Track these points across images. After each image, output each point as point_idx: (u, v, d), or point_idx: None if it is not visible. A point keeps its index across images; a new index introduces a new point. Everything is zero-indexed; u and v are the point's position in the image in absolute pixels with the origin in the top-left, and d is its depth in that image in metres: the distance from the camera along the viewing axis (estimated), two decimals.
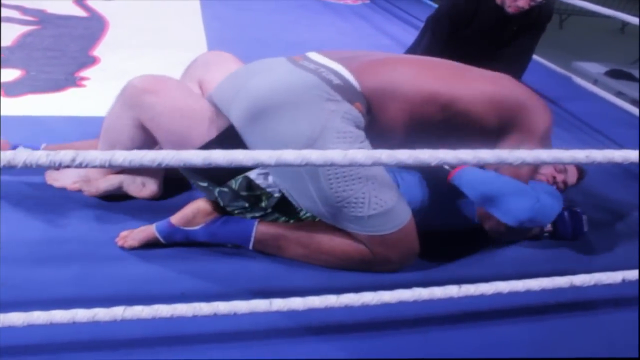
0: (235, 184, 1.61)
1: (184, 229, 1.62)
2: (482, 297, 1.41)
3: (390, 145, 1.33)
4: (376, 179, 1.55)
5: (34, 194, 1.81)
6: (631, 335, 1.57)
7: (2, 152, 0.89)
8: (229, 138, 1.57)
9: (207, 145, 1.54)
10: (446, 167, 1.71)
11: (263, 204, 1.64)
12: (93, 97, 2.64)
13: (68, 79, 2.78)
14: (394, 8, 5.36)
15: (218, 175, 1.60)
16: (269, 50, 2.08)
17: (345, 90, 1.55)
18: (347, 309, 1.33)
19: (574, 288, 1.51)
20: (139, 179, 1.82)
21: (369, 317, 1.46)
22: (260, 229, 1.62)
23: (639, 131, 2.73)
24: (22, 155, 0.92)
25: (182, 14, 4.29)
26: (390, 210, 1.57)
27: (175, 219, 1.62)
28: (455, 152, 1.12)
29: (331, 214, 1.58)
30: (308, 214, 1.66)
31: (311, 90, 1.53)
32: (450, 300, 1.39)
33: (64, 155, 0.92)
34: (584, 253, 1.92)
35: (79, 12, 3.99)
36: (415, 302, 1.36)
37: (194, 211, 1.63)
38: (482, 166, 1.67)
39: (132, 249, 1.61)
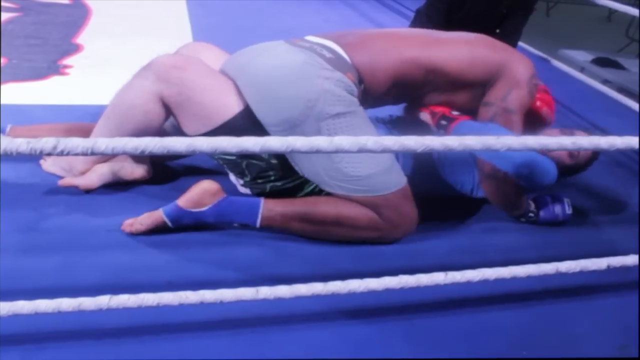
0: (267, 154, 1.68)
1: (192, 210, 1.63)
2: (468, 284, 1.42)
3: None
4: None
5: (18, 183, 1.79)
6: (616, 321, 1.59)
7: None
8: (252, 112, 1.65)
9: (236, 117, 1.65)
10: (443, 122, 1.84)
11: (293, 175, 1.72)
12: (76, 85, 2.61)
13: (51, 67, 2.74)
14: None
15: None
16: (255, 38, 2.05)
17: (337, 62, 1.69)
18: (334, 296, 1.32)
19: (559, 274, 1.52)
20: (127, 165, 1.82)
21: (355, 304, 1.46)
22: (267, 206, 1.65)
23: (639, 120, 2.74)
24: (2, 143, 0.90)
25: (166, 1, 4.25)
26: (389, 170, 1.67)
27: (182, 201, 1.63)
28: (441, 139, 1.12)
29: (332, 178, 1.65)
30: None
31: (307, 62, 1.66)
32: (436, 287, 1.40)
33: (45, 142, 0.91)
34: (570, 240, 1.94)
35: None
36: (401, 289, 1.36)
37: (200, 192, 1.63)
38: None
39: (140, 234, 1.61)
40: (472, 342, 1.45)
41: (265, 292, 1.27)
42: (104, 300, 1.18)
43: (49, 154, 0.91)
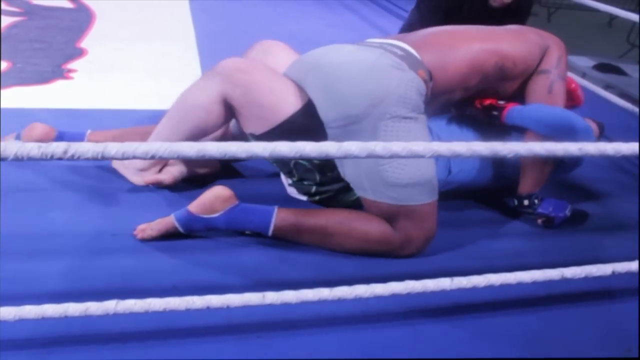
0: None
1: (204, 216, 1.63)
2: (474, 289, 1.42)
3: (445, 104, 1.93)
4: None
5: (25, 187, 1.79)
6: (621, 327, 1.59)
7: None
8: (309, 111, 1.69)
9: (293, 116, 1.68)
10: (494, 112, 1.94)
11: (329, 174, 1.77)
12: (81, 89, 2.62)
13: (55, 71, 2.75)
14: (383, 1, 5.35)
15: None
16: None
17: (408, 60, 1.73)
18: (340, 301, 1.32)
19: (565, 280, 1.51)
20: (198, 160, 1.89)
21: (361, 309, 1.46)
22: (280, 215, 1.66)
23: (639, 125, 2.75)
24: (13, 147, 0.90)
25: (170, 6, 4.26)
26: (427, 182, 1.68)
27: (194, 207, 1.63)
28: (448, 145, 1.12)
29: (371, 180, 1.66)
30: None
31: (380, 59, 1.70)
32: (442, 292, 1.40)
33: (56, 147, 0.91)
34: (575, 245, 1.94)
35: (66, 4, 3.94)
36: (408, 295, 1.36)
37: (212, 198, 1.64)
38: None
39: (152, 239, 1.62)
40: (478, 348, 1.45)
41: (272, 297, 1.27)
42: (110, 305, 1.18)
43: (60, 159, 0.91)
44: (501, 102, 1.95)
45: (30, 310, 1.15)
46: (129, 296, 1.21)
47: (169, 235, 1.63)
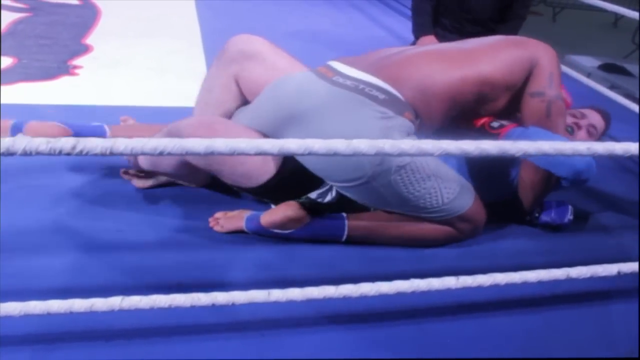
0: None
1: (276, 231, 1.66)
2: (479, 288, 1.41)
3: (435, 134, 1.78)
4: (439, 171, 1.66)
5: (31, 183, 1.79)
6: (627, 328, 1.59)
7: (1, 140, 0.88)
8: (290, 169, 1.66)
9: (271, 180, 1.65)
10: (494, 124, 1.85)
11: None
12: (86, 85, 2.62)
13: (61, 67, 2.75)
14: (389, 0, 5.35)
15: (282, 196, 1.70)
16: None
17: (392, 104, 1.62)
18: (346, 299, 1.32)
19: (570, 280, 1.51)
20: None
21: (367, 308, 1.45)
22: (351, 226, 1.69)
23: (639, 124, 2.74)
24: (21, 143, 0.90)
25: (176, 3, 4.26)
26: (460, 193, 1.69)
27: (267, 222, 1.64)
28: (458, 143, 1.12)
29: (414, 211, 1.68)
30: None
31: (363, 111, 1.60)
32: (447, 291, 1.39)
33: (65, 142, 0.91)
34: (581, 245, 1.93)
35: (71, 0, 3.95)
36: (413, 293, 1.36)
37: (284, 219, 1.64)
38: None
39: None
40: (483, 347, 1.44)
41: (277, 294, 1.27)
42: (116, 301, 1.18)
43: (69, 154, 0.91)
44: (494, 125, 1.84)
45: (35, 306, 1.14)
46: (134, 292, 1.20)
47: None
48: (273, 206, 1.72)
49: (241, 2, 4.49)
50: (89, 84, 2.63)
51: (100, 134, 1.88)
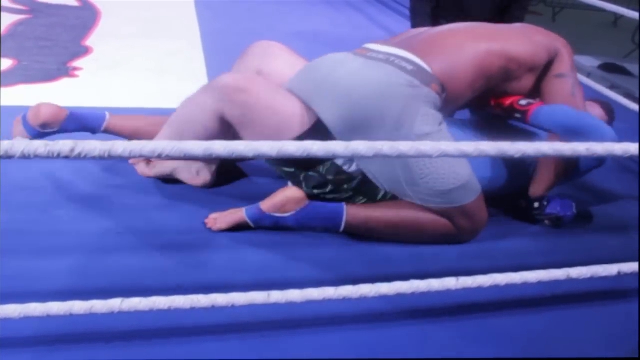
0: (323, 169, 1.71)
1: (275, 215, 1.67)
2: (479, 289, 1.41)
3: (453, 109, 1.92)
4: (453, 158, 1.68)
5: (30, 185, 1.79)
6: (628, 328, 1.58)
7: (1, 143, 0.88)
8: (318, 131, 1.66)
9: (301, 138, 1.62)
10: (517, 115, 1.90)
11: (345, 187, 1.75)
12: (86, 87, 2.62)
13: (60, 69, 2.75)
14: (388, 0, 5.35)
15: (306, 161, 1.69)
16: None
17: (420, 75, 1.70)
18: (345, 301, 1.32)
19: (570, 280, 1.51)
20: (194, 167, 1.86)
21: (366, 309, 1.46)
22: (350, 212, 1.69)
23: (639, 125, 2.74)
24: (20, 145, 0.90)
25: (175, 4, 4.26)
26: (468, 182, 1.72)
27: (266, 206, 1.67)
28: (457, 145, 1.12)
29: (416, 192, 1.70)
30: (385, 197, 1.77)
31: (391, 79, 1.67)
32: (447, 292, 1.39)
33: (63, 145, 0.91)
34: (581, 245, 1.93)
35: (71, 2, 3.95)
36: (413, 295, 1.36)
37: (284, 200, 1.68)
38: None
39: (221, 231, 1.68)
40: (483, 348, 1.44)
41: (277, 296, 1.27)
42: (115, 304, 1.18)
43: (67, 157, 0.91)
44: (522, 103, 1.91)
45: (35, 308, 1.15)
46: (134, 294, 1.21)
47: (239, 228, 1.69)
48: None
49: (241, 3, 4.49)
50: (89, 86, 2.63)
51: (99, 118, 1.89)
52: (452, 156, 1.10)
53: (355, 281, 1.34)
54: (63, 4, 3.86)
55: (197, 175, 1.87)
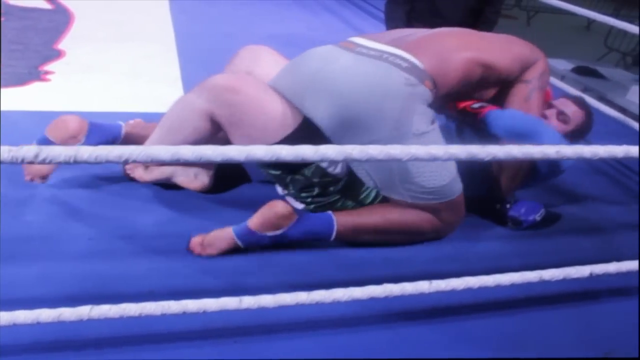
0: (308, 172, 1.70)
1: (268, 234, 1.61)
2: (453, 292, 1.42)
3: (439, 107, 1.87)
4: None
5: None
6: (600, 328, 1.60)
7: None
8: (305, 130, 1.66)
9: (286, 139, 1.62)
10: (469, 115, 1.95)
11: (331, 189, 1.74)
12: (57, 91, 2.58)
13: (31, 73, 2.71)
14: (362, 2, 5.36)
15: (291, 164, 1.68)
16: (238, 44, 2.06)
17: (415, 72, 1.69)
18: (318, 305, 1.31)
19: (543, 282, 1.52)
20: (191, 171, 1.84)
21: (340, 313, 1.45)
22: (339, 221, 1.68)
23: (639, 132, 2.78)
24: None
25: (150, 7, 4.22)
26: (455, 178, 1.74)
27: (255, 224, 1.60)
28: (427, 148, 1.12)
29: (409, 190, 1.70)
30: (370, 198, 1.78)
31: (390, 76, 1.66)
32: (421, 295, 1.39)
33: (27, 150, 0.89)
34: (554, 247, 1.95)
35: (44, 5, 3.90)
36: (386, 298, 1.36)
37: (274, 217, 1.61)
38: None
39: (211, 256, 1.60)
40: (457, 350, 1.45)
41: (249, 301, 1.26)
42: (84, 311, 1.16)
43: (31, 163, 0.89)
44: (475, 106, 1.94)
45: (1, 317, 1.12)
46: (103, 301, 1.19)
47: (229, 251, 1.62)
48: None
49: (216, 6, 4.46)
50: (60, 90, 2.59)
51: (117, 128, 1.87)
52: (421, 159, 1.10)
53: (328, 285, 1.33)
54: (35, 7, 3.80)
55: (195, 179, 1.84)
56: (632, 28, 3.17)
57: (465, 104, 1.95)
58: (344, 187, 1.75)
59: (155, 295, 1.29)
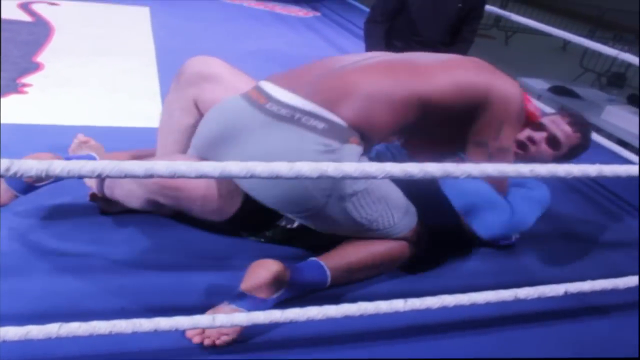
0: (270, 233, 1.79)
1: (274, 297, 1.49)
2: (427, 310, 1.41)
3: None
4: (389, 193, 1.64)
5: None
6: (573, 346, 1.61)
7: None
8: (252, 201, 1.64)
9: (236, 215, 1.66)
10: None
11: (303, 239, 1.79)
12: (35, 104, 2.56)
13: (9, 85, 2.68)
14: (344, 21, 5.40)
15: (253, 227, 1.79)
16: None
17: (334, 133, 1.49)
18: (292, 324, 1.31)
19: (518, 301, 1.52)
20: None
21: (314, 332, 1.44)
22: (329, 266, 1.61)
23: (639, 143, 2.81)
24: None
25: (131, 22, 4.22)
26: (408, 208, 1.69)
27: (261, 292, 1.46)
28: (402, 166, 1.12)
29: (376, 233, 1.65)
30: None
31: (303, 145, 1.47)
32: (396, 314, 1.39)
33: None
34: (528, 266, 1.96)
35: (24, 17, 3.87)
36: (361, 317, 1.35)
37: (273, 279, 1.47)
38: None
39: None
40: None
41: (222, 319, 1.24)
42: (53, 329, 1.14)
43: (2, 176, 0.87)
44: None
45: None
46: (73, 319, 1.16)
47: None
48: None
49: (197, 22, 4.47)
50: (37, 103, 2.56)
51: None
52: (397, 177, 1.10)
53: (301, 304, 1.33)
54: (15, 19, 3.78)
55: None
56: (606, 50, 3.23)
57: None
58: (308, 234, 1.72)
59: (128, 313, 1.28)
